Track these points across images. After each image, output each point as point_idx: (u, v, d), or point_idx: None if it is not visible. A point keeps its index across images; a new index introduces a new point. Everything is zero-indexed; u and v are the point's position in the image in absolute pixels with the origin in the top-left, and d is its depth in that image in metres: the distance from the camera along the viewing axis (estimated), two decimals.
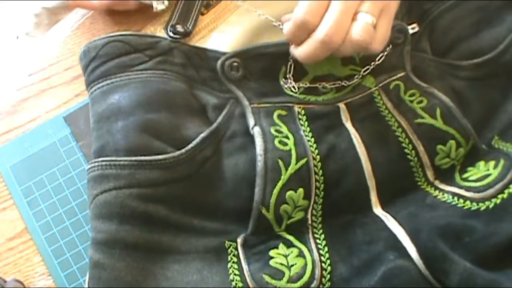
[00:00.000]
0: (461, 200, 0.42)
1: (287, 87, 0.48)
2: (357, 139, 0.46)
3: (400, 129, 0.46)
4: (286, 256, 0.43)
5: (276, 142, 0.44)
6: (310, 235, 0.45)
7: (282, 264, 0.42)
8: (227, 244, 0.44)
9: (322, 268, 0.43)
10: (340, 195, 0.45)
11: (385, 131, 0.46)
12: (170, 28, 0.50)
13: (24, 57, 0.57)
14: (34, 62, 0.57)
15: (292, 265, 0.42)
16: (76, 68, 0.55)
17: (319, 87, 0.48)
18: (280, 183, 0.43)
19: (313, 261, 0.43)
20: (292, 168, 0.43)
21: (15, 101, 0.55)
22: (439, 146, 0.45)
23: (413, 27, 0.48)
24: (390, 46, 0.47)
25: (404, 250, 0.41)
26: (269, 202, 0.43)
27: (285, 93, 0.48)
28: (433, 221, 0.42)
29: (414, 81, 0.47)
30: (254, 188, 0.43)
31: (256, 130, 0.45)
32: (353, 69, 0.48)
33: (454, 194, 0.43)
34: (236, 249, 0.44)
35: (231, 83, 0.48)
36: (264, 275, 0.42)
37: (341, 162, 0.45)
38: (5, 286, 0.46)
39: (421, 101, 0.46)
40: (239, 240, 0.44)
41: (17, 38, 0.71)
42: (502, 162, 0.43)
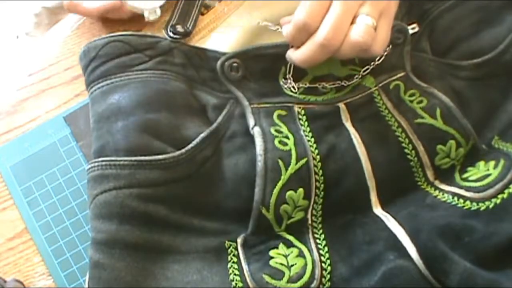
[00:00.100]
0: (461, 200, 0.42)
1: (287, 87, 0.48)
2: (357, 139, 0.46)
3: (400, 129, 0.46)
4: (286, 256, 0.43)
5: (276, 142, 0.44)
6: (310, 235, 0.45)
7: (282, 264, 0.42)
8: (227, 244, 0.44)
9: (322, 268, 0.43)
10: (340, 195, 0.45)
11: (385, 131, 0.46)
12: (170, 28, 0.50)
13: (24, 57, 0.57)
14: (34, 62, 0.56)
15: (292, 265, 0.42)
16: (76, 68, 0.55)
17: (319, 87, 0.48)
18: (280, 183, 0.43)
19: (313, 261, 0.43)
20: (292, 168, 0.43)
21: (15, 101, 0.55)
22: (439, 146, 0.45)
23: (413, 27, 0.48)
24: (390, 46, 0.47)
25: (404, 250, 0.41)
26: (269, 202, 0.43)
27: (285, 93, 0.48)
28: (433, 221, 0.42)
29: (414, 81, 0.47)
30: (254, 188, 0.43)
31: (256, 130, 0.45)
32: (353, 69, 0.48)
33: (454, 194, 0.43)
34: (236, 249, 0.44)
35: (231, 84, 0.48)
36: (264, 275, 0.42)
37: (341, 162, 0.45)
38: (5, 286, 0.46)
39: (421, 101, 0.46)
40: (239, 240, 0.44)
41: (17, 38, 0.71)
42: (502, 162, 0.43)
